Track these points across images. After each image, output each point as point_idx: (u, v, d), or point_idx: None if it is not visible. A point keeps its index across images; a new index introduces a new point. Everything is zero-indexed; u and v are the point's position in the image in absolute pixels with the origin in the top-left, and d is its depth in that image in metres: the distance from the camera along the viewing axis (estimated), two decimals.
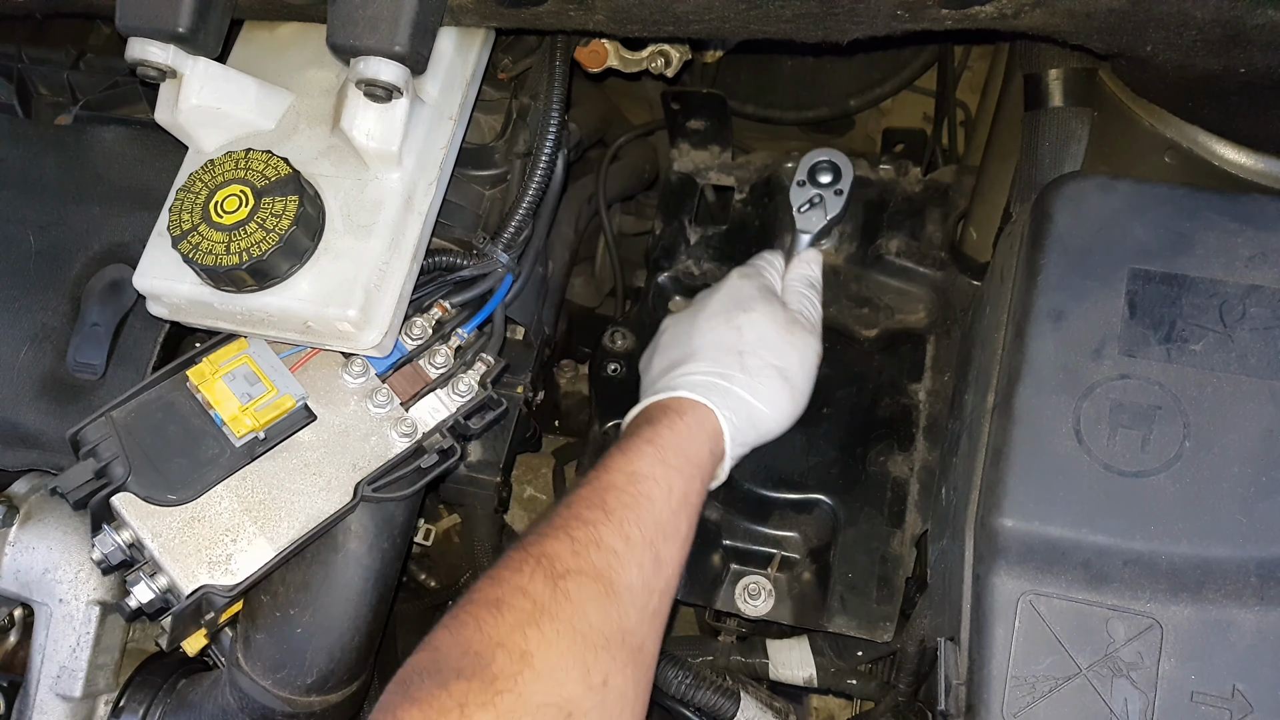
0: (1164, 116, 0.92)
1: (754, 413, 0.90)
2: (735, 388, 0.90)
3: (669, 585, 0.78)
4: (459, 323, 0.96)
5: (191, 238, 0.82)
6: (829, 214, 1.06)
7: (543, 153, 0.98)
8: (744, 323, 0.94)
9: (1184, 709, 0.69)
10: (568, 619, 0.70)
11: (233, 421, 0.85)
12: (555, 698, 0.67)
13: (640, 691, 0.72)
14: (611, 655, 0.70)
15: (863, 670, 1.06)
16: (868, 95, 1.42)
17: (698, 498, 0.84)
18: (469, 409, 0.93)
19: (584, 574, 0.72)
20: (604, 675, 0.69)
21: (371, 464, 0.87)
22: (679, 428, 0.85)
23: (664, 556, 0.77)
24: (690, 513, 0.82)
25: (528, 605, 0.70)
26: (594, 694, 0.68)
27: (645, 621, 0.74)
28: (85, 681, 0.95)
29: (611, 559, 0.74)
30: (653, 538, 0.77)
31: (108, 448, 0.84)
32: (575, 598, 0.71)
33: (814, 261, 1.06)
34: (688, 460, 0.83)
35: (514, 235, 0.98)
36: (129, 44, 0.85)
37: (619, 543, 0.75)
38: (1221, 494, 0.71)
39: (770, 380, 0.92)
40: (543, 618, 0.69)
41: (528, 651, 0.68)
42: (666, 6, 0.82)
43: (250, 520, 0.83)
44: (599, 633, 0.71)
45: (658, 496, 0.79)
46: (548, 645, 0.68)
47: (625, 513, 0.77)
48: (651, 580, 0.76)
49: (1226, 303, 0.76)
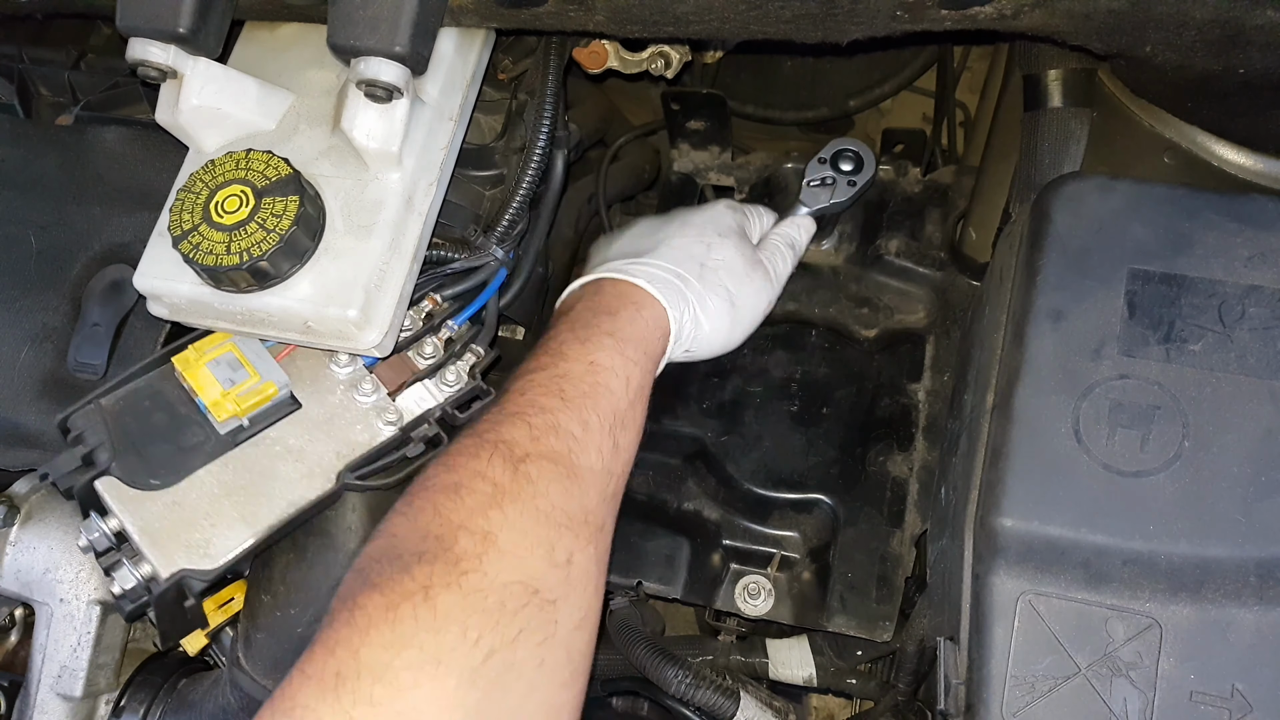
0: (1163, 117, 0.93)
1: (697, 325, 0.91)
2: (689, 293, 0.91)
3: (625, 469, 0.79)
4: (449, 315, 0.96)
5: (192, 238, 0.82)
6: (834, 198, 1.06)
7: (536, 144, 0.98)
8: (714, 243, 0.96)
9: (1183, 708, 0.69)
10: (529, 499, 0.70)
11: (215, 407, 0.85)
12: (521, 575, 0.66)
13: (601, 570, 0.74)
14: (575, 534, 0.71)
15: (862, 670, 1.06)
16: (867, 95, 1.42)
17: (648, 389, 0.85)
18: (458, 399, 0.93)
19: (544, 457, 0.73)
20: (568, 553, 0.70)
21: (356, 452, 0.87)
22: (638, 321, 0.86)
23: (621, 443, 0.78)
24: (644, 404, 0.83)
25: (488, 488, 0.70)
26: (558, 570, 0.69)
27: (605, 503, 0.75)
28: (86, 681, 0.95)
29: (571, 443, 0.74)
30: (610, 425, 0.78)
31: (93, 433, 0.84)
32: (536, 479, 0.71)
33: (804, 227, 1.06)
34: (645, 354, 0.84)
35: (508, 228, 0.98)
36: (129, 44, 0.85)
37: (577, 428, 0.75)
38: (1221, 494, 0.71)
39: (719, 300, 0.93)
40: (504, 499, 0.69)
41: (490, 532, 0.67)
42: (666, 7, 0.83)
43: (230, 504, 0.83)
44: (561, 512, 0.71)
45: (616, 387, 0.80)
46: (510, 525, 0.68)
47: (583, 400, 0.77)
48: (610, 464, 0.77)
49: (1226, 303, 0.76)
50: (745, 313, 0.96)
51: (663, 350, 0.90)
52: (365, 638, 0.61)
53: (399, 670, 0.60)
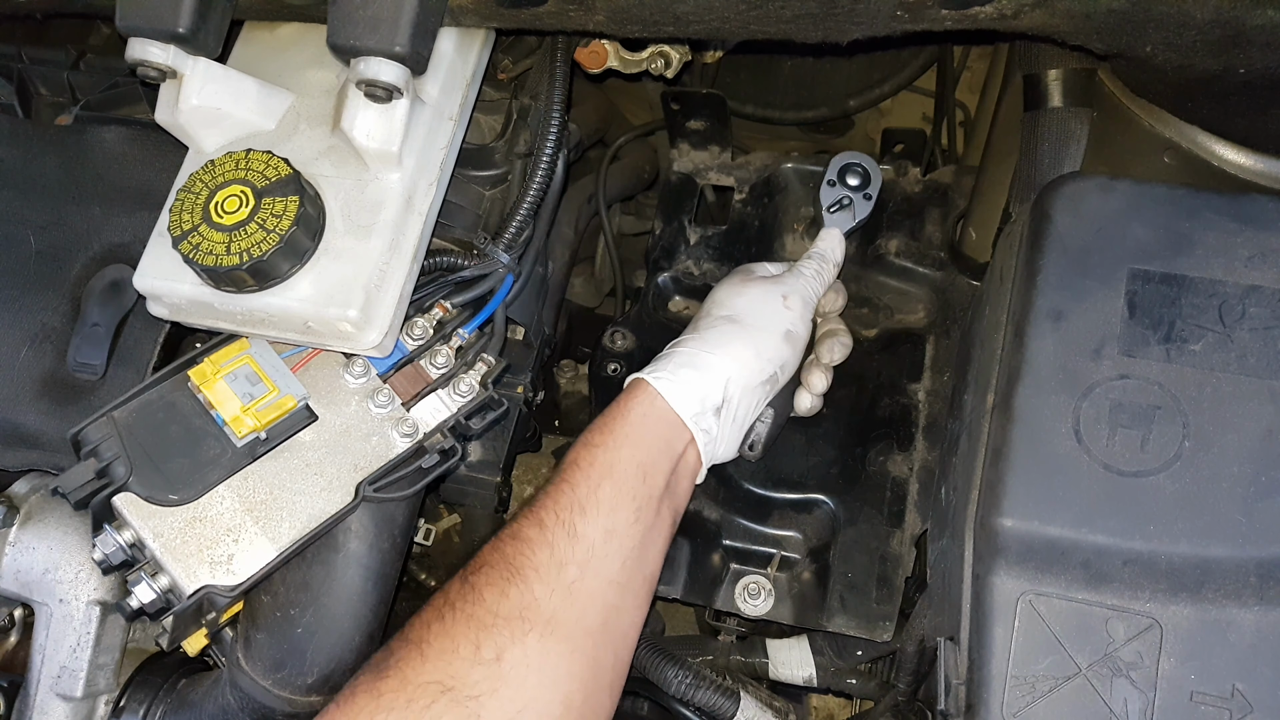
0: (1163, 117, 0.92)
1: (699, 360, 0.90)
2: (679, 349, 0.91)
3: (589, 554, 0.79)
4: (460, 323, 0.96)
5: (192, 238, 0.82)
6: (858, 217, 1.05)
7: (544, 153, 0.98)
8: (707, 299, 0.97)
9: (1183, 709, 0.69)
10: (466, 606, 0.75)
11: (234, 422, 0.85)
12: (438, 675, 0.71)
13: (555, 662, 0.75)
14: (507, 631, 0.74)
15: (862, 670, 1.06)
16: (867, 95, 1.42)
17: (630, 464, 0.84)
18: (470, 409, 0.93)
19: (493, 566, 0.78)
20: (497, 650, 0.73)
21: (373, 464, 0.88)
22: (611, 410, 0.88)
23: (580, 530, 0.79)
24: (617, 481, 0.83)
25: (440, 602, 0.76)
26: (483, 667, 0.72)
27: (559, 592, 0.77)
28: (85, 681, 0.95)
29: (522, 546, 0.79)
30: (566, 516, 0.80)
31: (109, 448, 0.84)
32: (478, 586, 0.76)
33: (828, 240, 1.04)
34: (610, 433, 0.85)
35: (515, 235, 0.98)
36: (129, 44, 0.85)
37: (533, 530, 0.79)
38: (1221, 494, 0.71)
39: (717, 328, 0.93)
40: (445, 611, 0.75)
41: (425, 640, 0.74)
42: (666, 7, 0.83)
43: (252, 520, 0.83)
44: (492, 613, 0.75)
45: (577, 478, 0.82)
46: (444, 633, 0.74)
47: (545, 501, 0.81)
48: (564, 554, 0.78)
49: (1226, 303, 0.76)
50: (757, 320, 0.93)
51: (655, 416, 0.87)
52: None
53: None
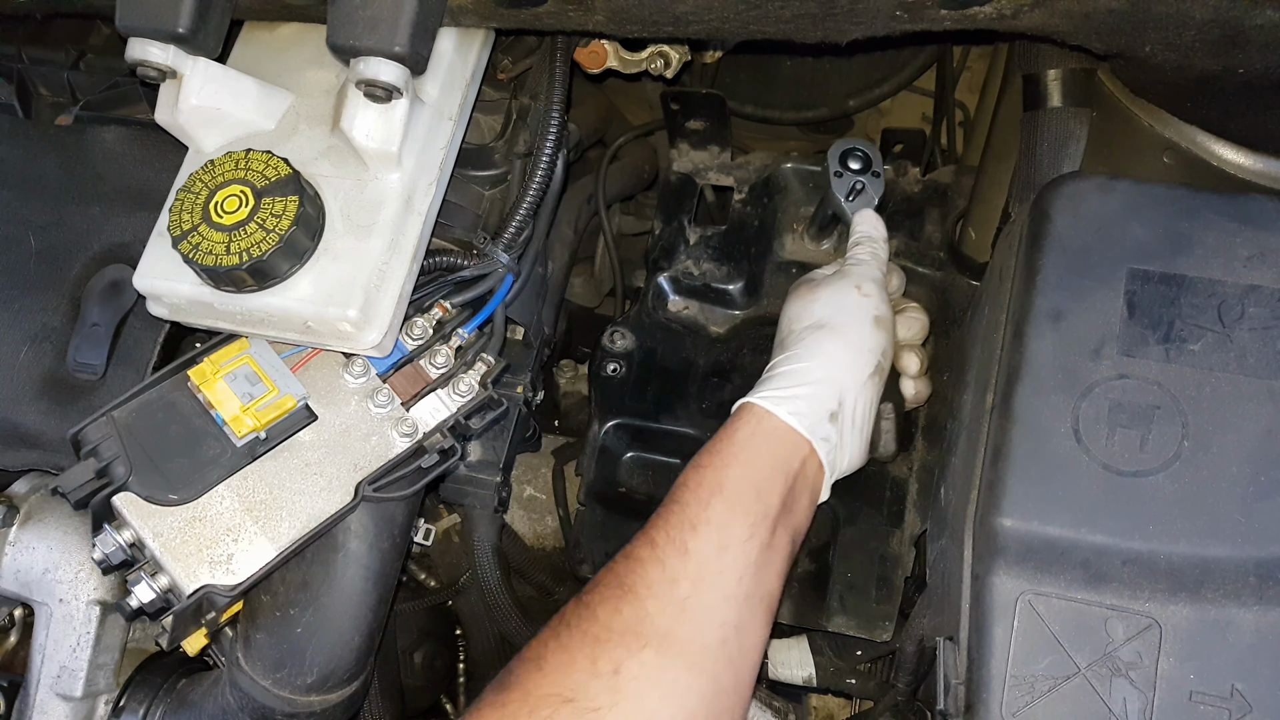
0: (1163, 117, 0.92)
1: (798, 374, 0.89)
2: (776, 370, 0.91)
3: (701, 570, 0.80)
4: (459, 323, 0.96)
5: (192, 238, 0.82)
6: (876, 196, 1.05)
7: (543, 153, 0.98)
8: (782, 318, 0.98)
9: (1183, 708, 0.69)
10: (582, 624, 0.77)
11: (234, 421, 0.85)
12: (557, 688, 0.73)
13: (670, 673, 0.75)
14: (623, 646, 0.75)
15: (862, 669, 1.06)
16: (867, 96, 1.42)
17: (739, 481, 0.84)
18: (469, 409, 0.93)
19: (606, 585, 0.79)
20: (614, 664, 0.74)
21: (372, 464, 0.88)
22: (719, 434, 0.89)
23: (691, 547, 0.80)
24: (727, 498, 0.83)
25: (556, 623, 0.78)
26: (601, 680, 0.73)
27: (670, 607, 0.77)
28: (85, 681, 0.95)
29: (634, 565, 0.80)
30: (677, 535, 0.81)
31: (109, 447, 0.84)
32: (592, 605, 0.78)
33: (867, 221, 1.03)
34: (717, 454, 0.86)
35: (514, 235, 0.98)
36: (129, 44, 0.85)
37: (645, 550, 0.81)
38: (1220, 494, 0.71)
39: (805, 338, 0.92)
40: (561, 629, 0.77)
41: (541, 657, 0.76)
42: (666, 7, 0.83)
43: (251, 520, 0.83)
44: (606, 628, 0.76)
45: (686, 498, 0.83)
46: (561, 649, 0.76)
47: (657, 522, 0.83)
48: (675, 571, 0.79)
49: (1225, 303, 0.76)
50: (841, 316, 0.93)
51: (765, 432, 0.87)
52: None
53: None
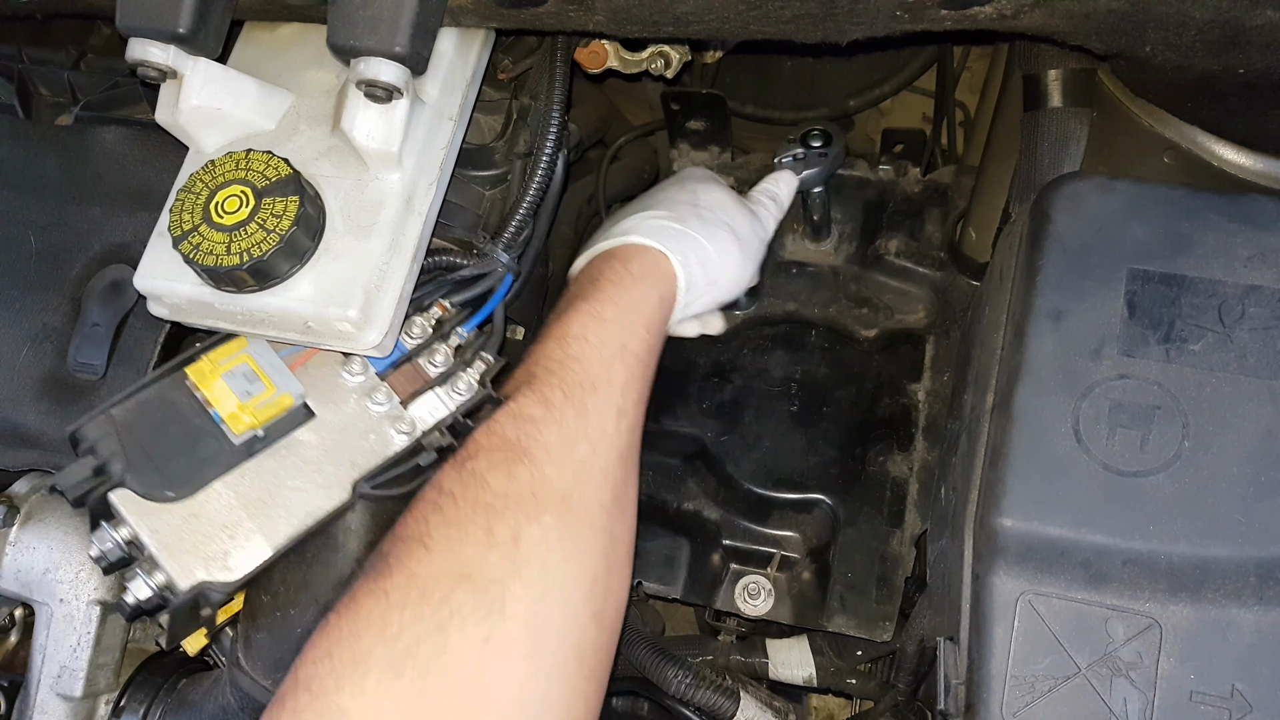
0: (1163, 117, 0.92)
1: (706, 256, 0.88)
2: (690, 232, 0.88)
3: (601, 432, 0.76)
4: (459, 322, 0.96)
5: (192, 238, 0.82)
6: (806, 169, 1.05)
7: (543, 153, 0.98)
8: (700, 190, 0.94)
9: (1183, 709, 0.69)
10: (469, 492, 0.70)
11: (231, 419, 0.85)
12: (449, 565, 0.67)
13: (574, 540, 0.71)
14: (521, 511, 0.70)
15: (862, 670, 1.06)
16: (867, 96, 1.42)
17: (640, 344, 0.81)
18: (468, 407, 0.93)
19: (493, 449, 0.73)
20: (512, 532, 0.68)
21: (370, 462, 0.87)
22: (621, 277, 0.84)
23: (590, 407, 0.76)
24: (628, 361, 0.80)
25: (433, 494, 0.71)
26: (498, 550, 0.68)
27: (569, 470, 0.73)
28: (86, 681, 0.95)
29: (526, 425, 0.74)
30: (576, 395, 0.76)
31: (106, 445, 0.84)
32: (479, 472, 0.71)
33: (783, 181, 1.04)
34: (623, 309, 0.82)
35: (514, 235, 0.98)
36: (129, 44, 0.85)
37: (537, 409, 0.75)
38: (1220, 494, 0.71)
39: (723, 233, 0.90)
40: (443, 500, 0.70)
41: (424, 535, 0.69)
42: (666, 7, 0.83)
43: (248, 517, 0.83)
44: (501, 495, 0.70)
45: (587, 354, 0.78)
46: (446, 523, 0.69)
47: (549, 378, 0.77)
48: (575, 432, 0.75)
49: (1225, 303, 0.76)
50: (750, 245, 0.93)
51: (664, 295, 0.85)
52: (303, 658, 0.66)
53: (321, 678, 0.64)
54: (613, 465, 0.76)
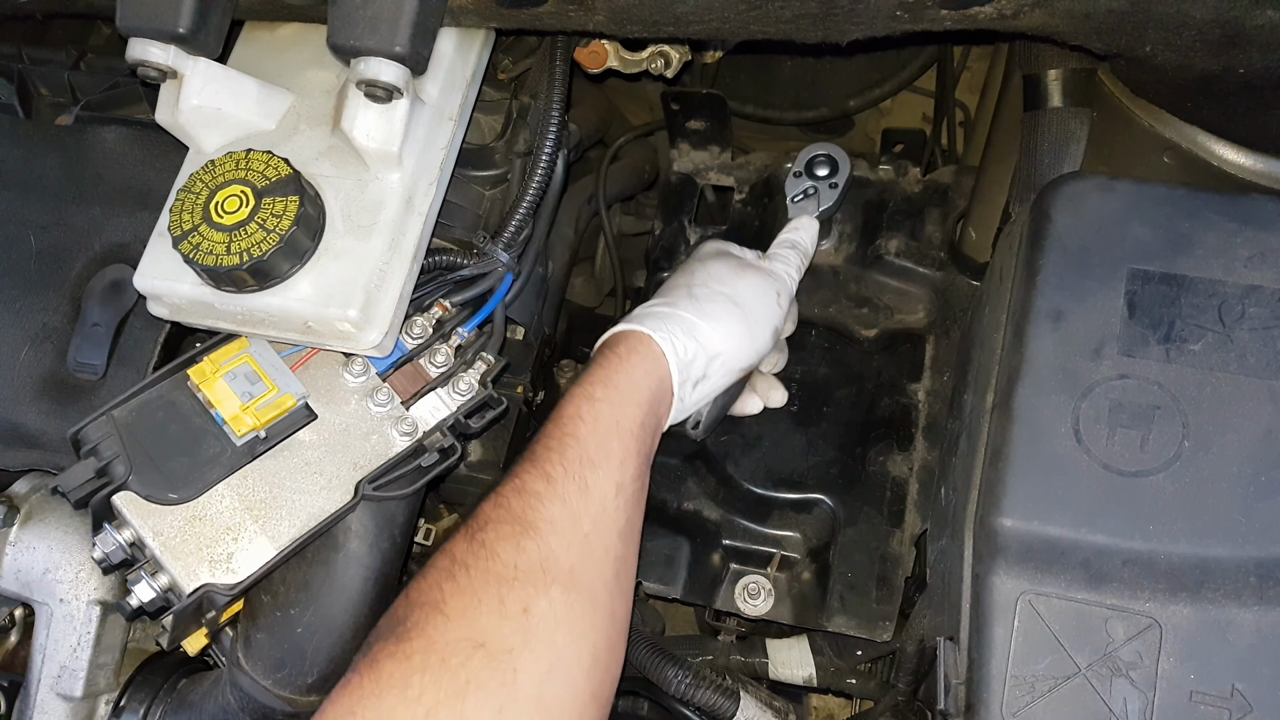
0: (1163, 117, 0.92)
1: (698, 331, 0.89)
2: (679, 311, 0.90)
3: (602, 508, 0.78)
4: (459, 322, 0.96)
5: (192, 238, 0.82)
6: (821, 205, 1.05)
7: (543, 152, 0.98)
8: (697, 268, 0.96)
9: (1183, 708, 0.69)
10: (481, 563, 0.73)
11: (233, 420, 0.85)
12: (466, 632, 0.69)
13: (581, 615, 0.74)
14: (530, 584, 0.72)
15: (862, 669, 1.06)
16: (867, 96, 1.42)
17: (634, 421, 0.83)
18: (469, 408, 0.93)
19: (501, 522, 0.75)
20: (522, 604, 0.71)
21: (372, 463, 0.88)
22: (609, 360, 0.86)
23: (591, 483, 0.78)
24: (624, 437, 0.82)
25: (445, 563, 0.74)
26: (511, 622, 0.70)
27: (574, 545, 0.75)
28: (86, 681, 0.95)
29: (531, 500, 0.76)
30: (576, 470, 0.78)
31: (109, 447, 0.84)
32: (489, 544, 0.74)
33: (803, 228, 1.05)
34: (615, 388, 0.84)
35: (514, 234, 0.98)
36: (129, 44, 0.85)
37: (540, 484, 0.77)
38: (1220, 494, 0.71)
39: (718, 303, 0.91)
40: (456, 570, 0.73)
41: (440, 601, 0.71)
42: (666, 7, 0.83)
43: (251, 519, 0.83)
44: (512, 567, 0.73)
45: (583, 432, 0.80)
46: (460, 591, 0.71)
47: (549, 455, 0.79)
48: (577, 508, 0.77)
49: (1225, 303, 0.76)
50: (753, 308, 0.93)
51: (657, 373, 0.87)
52: (322, 714, 0.67)
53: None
54: (613, 542, 0.79)
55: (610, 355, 0.87)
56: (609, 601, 0.76)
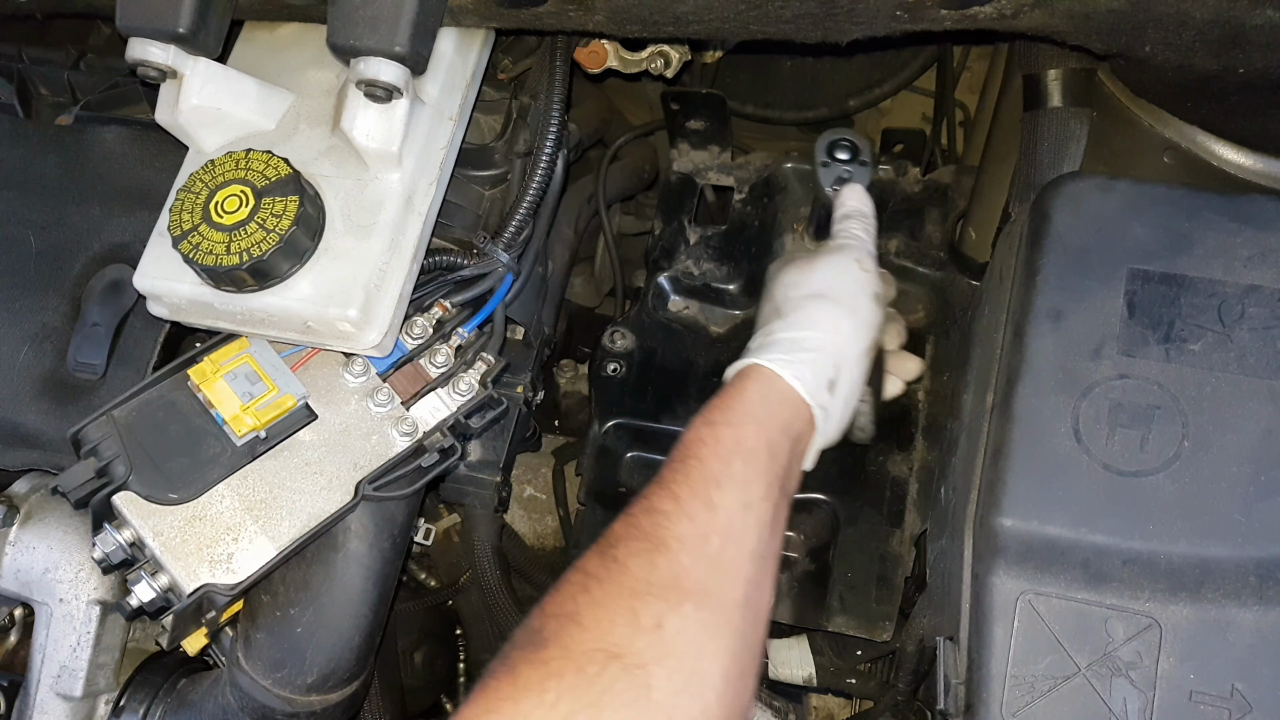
0: (1163, 117, 0.92)
1: (801, 339, 0.89)
2: (775, 334, 0.90)
3: (729, 525, 0.79)
4: (459, 322, 0.96)
5: (192, 238, 0.82)
6: (862, 182, 1.04)
7: (543, 152, 0.98)
8: (774, 288, 0.95)
9: (1183, 708, 0.69)
10: (614, 578, 0.74)
11: (234, 421, 0.85)
12: (602, 644, 0.70)
13: (715, 635, 0.74)
14: (663, 599, 0.73)
15: (862, 669, 1.06)
16: (867, 95, 1.42)
17: (755, 440, 0.83)
18: (469, 408, 0.93)
19: (632, 539, 0.76)
20: (656, 618, 0.72)
21: (372, 463, 0.88)
22: (725, 393, 0.87)
23: (716, 501, 0.79)
24: (746, 456, 0.82)
25: (579, 578, 0.74)
26: (645, 635, 0.71)
27: (704, 562, 0.76)
28: (85, 681, 0.95)
29: (659, 519, 0.77)
30: (701, 489, 0.79)
31: (109, 447, 0.84)
32: (622, 559, 0.75)
33: (854, 197, 1.01)
34: (730, 412, 0.85)
35: (514, 235, 0.98)
36: (129, 44, 0.85)
37: (668, 504, 0.78)
38: (1220, 494, 0.71)
39: (806, 305, 0.90)
40: (590, 583, 0.74)
41: (575, 613, 0.72)
42: (666, 7, 0.83)
43: (251, 519, 0.83)
44: (645, 582, 0.73)
45: (705, 454, 0.81)
46: (594, 604, 0.72)
47: (674, 477, 0.80)
48: (705, 526, 0.77)
49: (1225, 303, 0.76)
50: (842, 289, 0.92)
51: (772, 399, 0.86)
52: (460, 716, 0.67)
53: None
54: (744, 560, 0.78)
55: (726, 390, 0.87)
56: (739, 624, 0.76)
